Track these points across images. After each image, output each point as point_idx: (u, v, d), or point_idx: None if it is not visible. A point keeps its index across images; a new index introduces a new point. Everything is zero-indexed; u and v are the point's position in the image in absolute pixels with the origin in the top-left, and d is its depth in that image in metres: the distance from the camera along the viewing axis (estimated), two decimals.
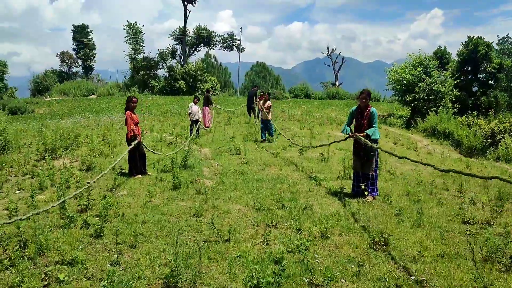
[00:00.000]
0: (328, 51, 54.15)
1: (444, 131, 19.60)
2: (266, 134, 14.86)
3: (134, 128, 9.04)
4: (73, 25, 55.12)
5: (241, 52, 53.74)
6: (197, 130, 15.29)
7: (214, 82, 47.18)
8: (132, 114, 9.15)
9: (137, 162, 9.21)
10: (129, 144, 9.01)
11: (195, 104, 15.26)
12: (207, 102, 18.68)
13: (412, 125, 23.94)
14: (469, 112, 25.24)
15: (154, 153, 10.62)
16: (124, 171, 9.58)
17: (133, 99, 9.22)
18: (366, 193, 7.52)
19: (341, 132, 8.20)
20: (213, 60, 62.64)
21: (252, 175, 9.50)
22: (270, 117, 14.53)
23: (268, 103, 14.63)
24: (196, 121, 15.13)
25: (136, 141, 8.99)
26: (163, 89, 44.78)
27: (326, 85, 56.07)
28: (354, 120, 7.98)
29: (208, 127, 18.32)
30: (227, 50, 54.42)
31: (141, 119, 23.49)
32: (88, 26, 55.62)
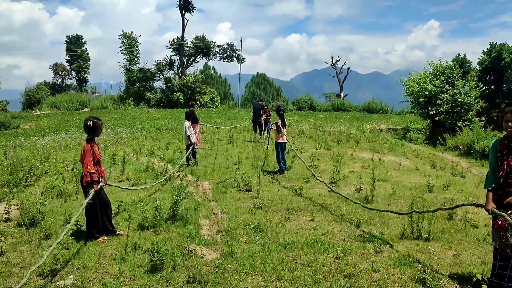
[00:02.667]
0: (332, 61, 51.15)
1: (483, 150, 16.41)
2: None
3: (93, 171, 5.77)
4: (66, 36, 52.18)
5: (242, 62, 50.75)
6: (194, 156, 12.01)
7: (214, 94, 44.11)
8: (94, 146, 5.92)
9: (98, 217, 5.96)
10: (86, 193, 5.77)
11: (189, 122, 11.95)
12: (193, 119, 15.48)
13: (438, 142, 20.76)
14: (494, 126, 22.09)
15: (125, 189, 7.38)
16: (81, 228, 6.32)
17: (96, 123, 5.99)
18: None
19: (484, 187, 4.54)
20: (212, 71, 59.60)
21: (275, 234, 6.25)
22: (284, 138, 11.14)
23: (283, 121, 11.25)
24: (191, 144, 11.85)
25: (97, 188, 5.76)
26: (160, 102, 41.67)
27: (329, 96, 53.05)
28: (499, 161, 4.39)
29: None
30: (226, 61, 51.41)
31: (131, 137, 20.26)
32: (82, 36, 52.63)
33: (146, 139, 20.11)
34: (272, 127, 11.61)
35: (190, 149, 11.64)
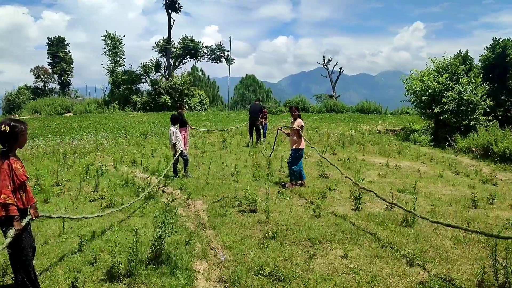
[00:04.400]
0: (324, 61, 49.40)
1: (503, 152, 14.71)
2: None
3: (11, 201, 3.71)
4: (48, 38, 49.61)
5: (231, 63, 48.78)
6: (185, 165, 9.98)
7: (203, 96, 42.05)
8: (13, 163, 3.85)
9: (28, 269, 3.94)
10: (4, 232, 3.73)
11: (175, 127, 9.94)
12: (182, 123, 13.52)
13: (447, 143, 19.05)
14: (506, 125, 20.50)
15: (77, 219, 5.39)
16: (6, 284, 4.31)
17: (17, 129, 3.89)
18: None
19: None
20: (200, 73, 57.53)
21: (301, 283, 4.33)
22: (302, 144, 9.13)
23: (299, 122, 9.14)
24: (181, 153, 9.83)
25: (18, 227, 3.70)
26: (146, 105, 39.46)
27: (321, 97, 51.37)
28: None
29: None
30: (215, 62, 49.37)
31: (113, 143, 18.16)
32: (64, 38, 50.19)
33: (130, 144, 18.06)
34: (286, 130, 9.56)
35: (175, 158, 9.62)
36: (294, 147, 8.82)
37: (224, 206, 7.19)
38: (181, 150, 9.74)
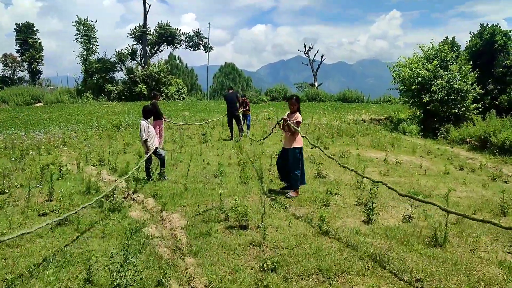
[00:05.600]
0: (305, 48, 47.95)
1: (503, 144, 13.68)
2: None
3: None
4: (16, 24, 46.62)
5: (210, 51, 46.88)
6: (161, 168, 8.40)
7: (180, 85, 40.14)
8: None
9: None
10: None
11: (147, 121, 8.36)
12: (156, 114, 12.05)
13: (440, 134, 18.01)
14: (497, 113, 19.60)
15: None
16: None
17: None
18: None
19: None
20: (177, 61, 55.33)
21: None
22: (301, 141, 7.30)
23: (297, 116, 7.24)
24: (155, 151, 8.28)
25: None
26: (121, 94, 37.36)
27: (301, 86, 50.08)
28: None
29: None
30: (193, 50, 47.38)
31: (83, 137, 16.44)
32: (34, 24, 47.18)
33: (101, 138, 16.36)
34: (286, 125, 7.14)
35: (146, 157, 8.08)
36: (292, 145, 7.11)
37: (207, 221, 5.74)
38: (156, 148, 8.21)
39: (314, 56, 48.45)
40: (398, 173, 9.65)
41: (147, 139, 8.02)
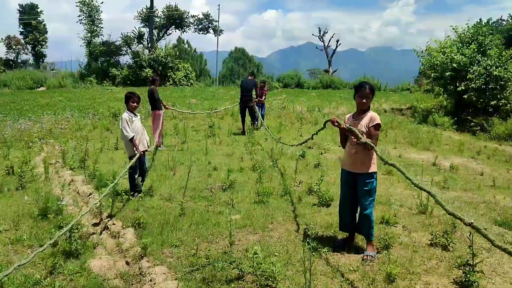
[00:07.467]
0: (320, 33, 45.24)
1: None
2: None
3: None
4: (19, 5, 44.47)
5: (220, 34, 44.44)
6: (142, 181, 6.07)
7: (188, 70, 37.84)
8: None
9: None
10: None
11: (134, 113, 6.19)
12: (154, 102, 10.02)
13: (482, 128, 15.66)
14: None
15: None
16: None
17: None
18: None
19: None
20: (186, 45, 52.92)
21: None
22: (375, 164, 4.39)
23: (374, 118, 4.23)
24: (143, 154, 6.09)
25: None
26: (127, 79, 35.21)
27: (314, 72, 47.50)
28: None
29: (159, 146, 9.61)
30: (202, 33, 44.95)
31: (74, 127, 14.36)
32: (37, 5, 45.02)
33: (95, 128, 14.29)
34: (356, 136, 4.10)
35: (131, 163, 5.78)
36: (368, 170, 4.29)
37: (210, 280, 3.59)
38: (143, 152, 6.05)
39: (329, 41, 45.68)
40: (459, 185, 7.41)
41: (133, 136, 5.84)
